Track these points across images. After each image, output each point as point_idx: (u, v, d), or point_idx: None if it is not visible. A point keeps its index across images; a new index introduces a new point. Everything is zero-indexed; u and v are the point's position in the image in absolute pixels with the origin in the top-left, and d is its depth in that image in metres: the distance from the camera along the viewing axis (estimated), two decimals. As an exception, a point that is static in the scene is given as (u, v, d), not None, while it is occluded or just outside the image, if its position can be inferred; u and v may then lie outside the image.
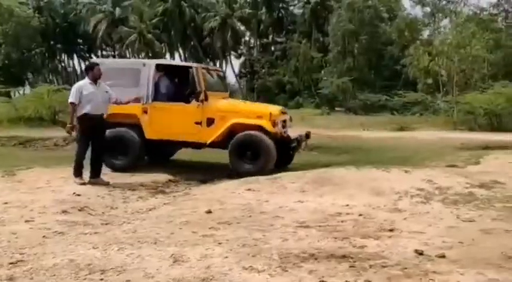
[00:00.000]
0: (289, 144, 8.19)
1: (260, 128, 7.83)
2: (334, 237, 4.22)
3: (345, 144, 12.01)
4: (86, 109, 6.56)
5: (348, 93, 36.39)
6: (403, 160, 8.93)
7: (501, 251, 3.80)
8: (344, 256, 3.69)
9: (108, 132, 7.69)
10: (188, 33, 51.20)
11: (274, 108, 8.71)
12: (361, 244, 4.02)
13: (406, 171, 6.83)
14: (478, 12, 29.89)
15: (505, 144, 11.53)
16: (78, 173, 6.61)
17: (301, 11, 51.14)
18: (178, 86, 8.46)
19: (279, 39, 54.10)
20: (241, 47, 58.22)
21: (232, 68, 54.43)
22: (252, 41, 56.67)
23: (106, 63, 8.68)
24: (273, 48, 54.53)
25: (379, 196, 5.77)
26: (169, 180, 7.31)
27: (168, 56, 56.58)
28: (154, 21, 47.29)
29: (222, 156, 8.32)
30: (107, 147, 7.39)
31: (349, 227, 4.60)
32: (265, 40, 56.99)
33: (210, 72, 8.72)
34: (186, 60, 56.81)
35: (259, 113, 8.22)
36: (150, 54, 49.66)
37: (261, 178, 6.65)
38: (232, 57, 57.17)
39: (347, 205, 5.41)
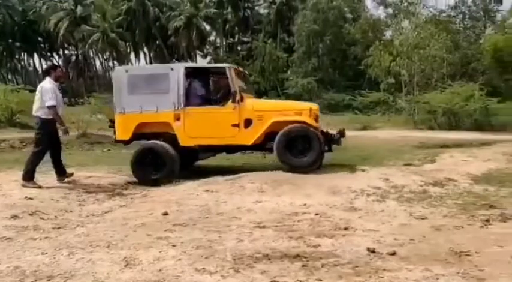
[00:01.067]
0: (331, 140, 7.79)
1: (303, 124, 7.42)
2: (289, 237, 4.24)
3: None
4: (59, 112, 6.66)
5: (313, 93, 36.73)
6: (363, 159, 9.08)
7: (449, 247, 3.92)
8: (297, 256, 3.71)
9: (141, 145, 7.56)
10: (153, 32, 50.58)
11: (312, 104, 8.35)
12: (316, 243, 4.06)
13: (363, 170, 6.96)
14: (437, 14, 30.83)
15: (461, 143, 11.90)
16: (31, 177, 6.45)
17: (266, 11, 51.40)
18: (208, 89, 8.12)
19: (245, 39, 54.13)
20: (207, 47, 58.04)
21: (197, 67, 53.97)
22: (218, 40, 56.60)
23: (131, 70, 8.19)
24: (239, 48, 54.55)
25: (336, 195, 5.85)
26: (128, 182, 7.18)
27: (133, 55, 55.91)
28: (117, 20, 46.47)
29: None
30: (141, 161, 7.29)
31: (305, 226, 4.63)
32: (231, 40, 57.01)
33: (238, 73, 8.20)
34: (151, 60, 56.21)
35: (299, 109, 7.87)
36: (115, 54, 48.89)
37: (220, 179, 6.65)
38: (198, 57, 57.03)
39: (304, 204, 5.46)
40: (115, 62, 53.51)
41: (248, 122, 7.50)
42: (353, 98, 31.50)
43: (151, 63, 55.96)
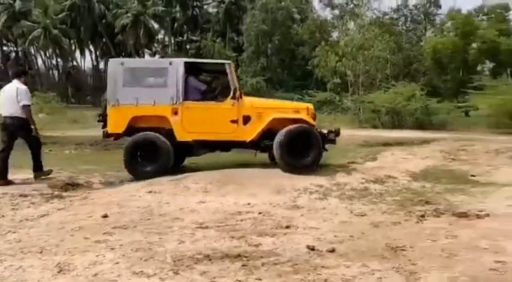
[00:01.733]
0: (326, 139, 7.82)
1: (302, 122, 7.50)
2: (231, 236, 4.23)
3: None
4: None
5: (262, 92, 36.90)
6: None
7: (386, 243, 4.04)
8: (238, 255, 3.71)
9: (135, 136, 7.34)
10: (99, 29, 49.14)
11: (309, 104, 8.46)
12: (257, 242, 4.07)
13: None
14: (381, 16, 31.85)
15: (402, 141, 12.31)
16: (41, 167, 7.19)
17: (215, 10, 51.21)
18: (206, 84, 8.08)
19: (194, 38, 53.67)
20: (156, 45, 57.14)
21: (145, 66, 52.95)
22: (167, 39, 55.87)
23: (128, 63, 7.90)
24: (188, 46, 54.03)
25: (280, 194, 5.89)
26: (67, 184, 6.91)
27: (78, 53, 54.12)
28: (61, 16, 44.72)
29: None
30: (135, 152, 7.20)
31: (248, 225, 4.63)
32: (180, 38, 56.43)
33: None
34: (97, 58, 54.69)
35: (296, 108, 8.04)
36: (58, 51, 47.08)
37: (165, 179, 6.54)
38: (146, 55, 56.04)
39: (248, 204, 5.46)
40: (59, 60, 51.63)
41: (247, 119, 7.52)
42: (301, 98, 31.84)
43: (97, 61, 54.53)
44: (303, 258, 3.66)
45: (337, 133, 8.05)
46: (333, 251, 3.84)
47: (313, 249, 3.87)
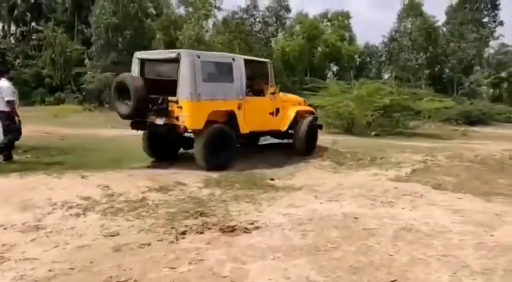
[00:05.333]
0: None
1: (312, 113, 9.61)
2: None
3: (70, 144, 10.62)
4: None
5: (113, 88, 34.55)
6: (115, 161, 8.16)
7: (109, 276, 3.17)
8: None
9: (211, 128, 7.33)
10: None
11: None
12: None
13: (82, 177, 5.95)
14: (231, 15, 31.79)
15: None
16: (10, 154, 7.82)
17: (62, -2, 47.03)
18: (252, 80, 8.52)
19: (40, 28, 48.76)
20: (-4, 35, 50.75)
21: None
22: (7, 27, 49.93)
23: (202, 56, 7.50)
24: (34, 37, 48.89)
25: (26, 211, 4.72)
26: None
27: None
28: None
29: None
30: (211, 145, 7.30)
31: None
32: (24, 28, 50.97)
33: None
34: None
35: (298, 101, 9.66)
36: None
37: None
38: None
39: (-29, 227, 4.22)
40: None
41: (277, 111, 8.61)
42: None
43: None
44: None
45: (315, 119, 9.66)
46: (24, 294, 2.85)
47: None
